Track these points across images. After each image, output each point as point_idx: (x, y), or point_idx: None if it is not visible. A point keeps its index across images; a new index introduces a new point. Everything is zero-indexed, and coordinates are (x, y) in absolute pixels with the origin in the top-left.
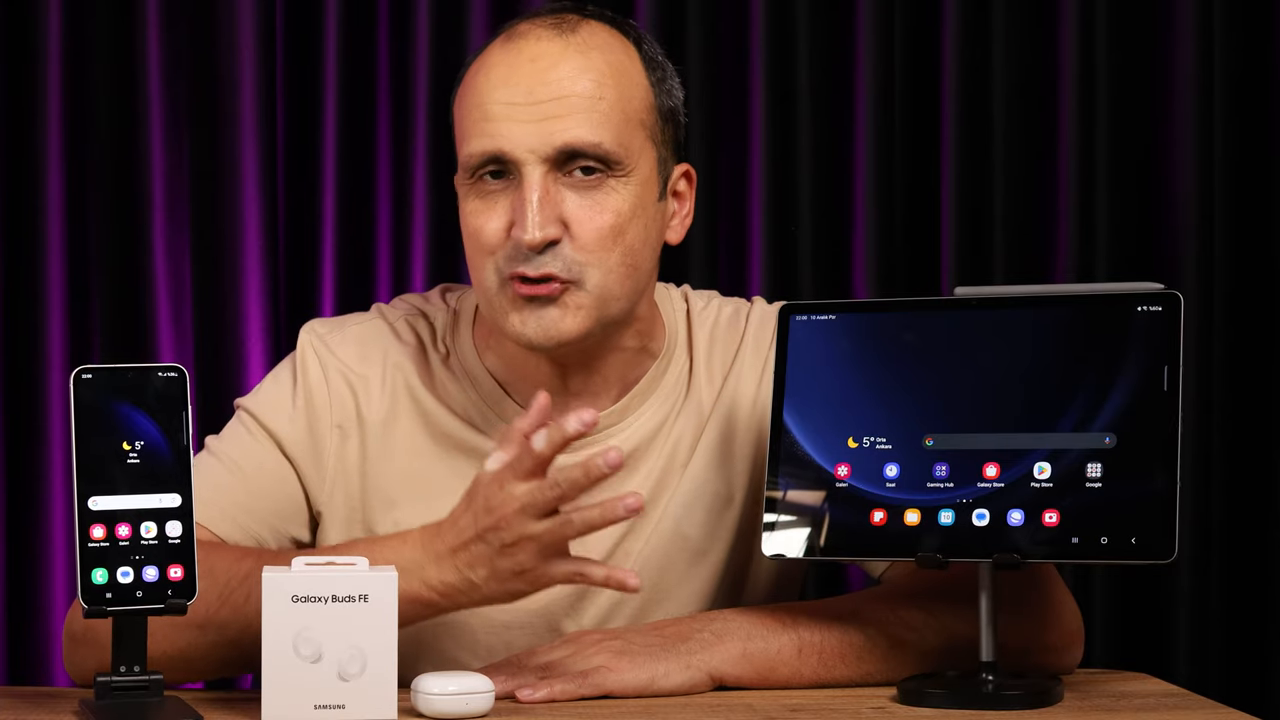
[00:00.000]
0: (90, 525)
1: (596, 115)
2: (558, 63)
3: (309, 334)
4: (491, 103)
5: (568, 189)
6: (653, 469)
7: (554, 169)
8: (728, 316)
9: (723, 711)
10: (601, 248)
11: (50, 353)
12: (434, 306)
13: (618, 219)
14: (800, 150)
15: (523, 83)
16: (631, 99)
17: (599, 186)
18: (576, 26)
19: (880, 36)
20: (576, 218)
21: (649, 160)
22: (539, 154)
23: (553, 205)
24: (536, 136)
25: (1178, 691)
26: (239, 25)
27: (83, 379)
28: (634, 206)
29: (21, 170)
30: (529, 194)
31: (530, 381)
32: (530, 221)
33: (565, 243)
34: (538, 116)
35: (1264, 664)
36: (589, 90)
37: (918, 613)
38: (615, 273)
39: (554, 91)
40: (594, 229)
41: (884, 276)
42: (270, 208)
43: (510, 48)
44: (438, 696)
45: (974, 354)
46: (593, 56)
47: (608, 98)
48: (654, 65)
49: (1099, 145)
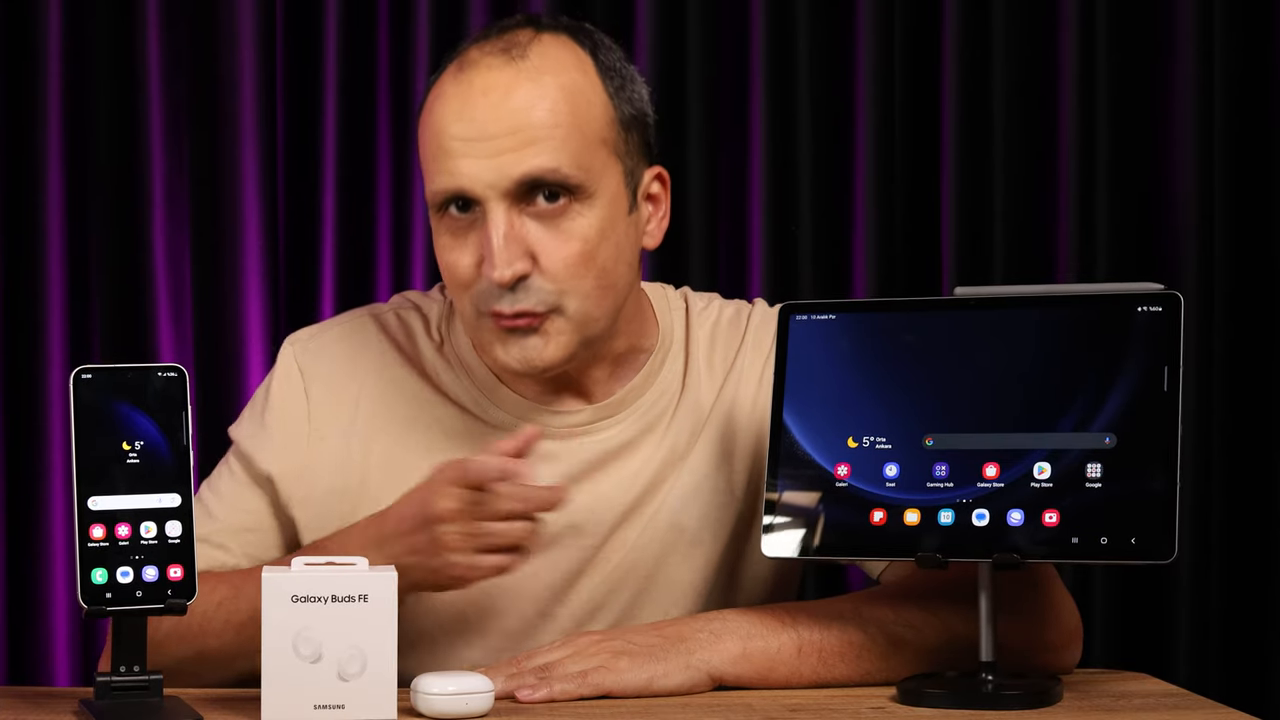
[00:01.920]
0: (90, 525)
1: (553, 142)
2: (509, 93)
3: (290, 346)
4: (447, 138)
5: (533, 219)
6: (649, 461)
7: (516, 201)
8: (729, 317)
9: (722, 711)
10: (573, 276)
11: (50, 353)
12: (430, 300)
13: (585, 245)
14: (800, 150)
15: (476, 117)
16: (590, 119)
17: (564, 213)
18: (526, 50)
19: (880, 36)
20: (544, 249)
21: (614, 176)
22: (498, 189)
23: (518, 240)
24: (494, 171)
25: (1178, 691)
26: (239, 25)
27: (83, 379)
28: (602, 228)
29: (21, 170)
30: (493, 232)
31: (525, 381)
32: (498, 259)
33: (535, 276)
34: (493, 152)
35: (1264, 664)
36: (543, 119)
37: (918, 612)
38: (592, 297)
39: (507, 125)
40: (562, 260)
41: (884, 276)
42: (270, 208)
43: (461, 79)
44: (437, 696)
45: (974, 354)
46: (545, 82)
47: (563, 123)
48: (611, 74)
49: (1099, 145)
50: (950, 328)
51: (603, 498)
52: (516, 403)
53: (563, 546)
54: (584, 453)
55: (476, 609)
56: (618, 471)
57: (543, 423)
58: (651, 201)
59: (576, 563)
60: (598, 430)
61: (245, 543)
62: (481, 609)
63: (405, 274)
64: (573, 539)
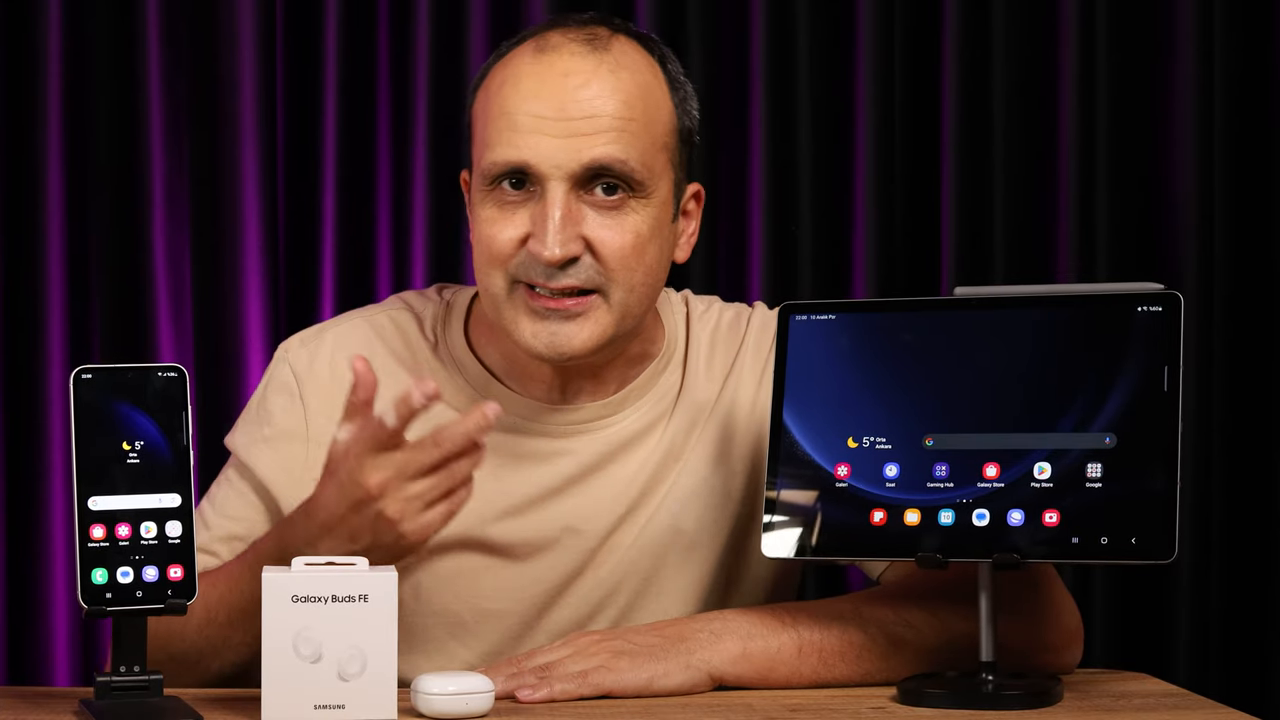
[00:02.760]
0: (90, 525)
1: (626, 135)
2: (589, 80)
3: (283, 353)
4: (520, 113)
5: (589, 207)
6: (646, 462)
7: (577, 186)
8: (729, 320)
9: (722, 711)
10: (624, 267)
11: (50, 353)
12: (424, 300)
13: (638, 240)
14: (800, 151)
15: (554, 97)
16: (657, 122)
17: (620, 207)
18: (608, 44)
19: (880, 36)
20: (599, 237)
21: (667, 182)
22: (565, 170)
23: (574, 223)
24: (564, 152)
25: (1178, 691)
26: (239, 25)
27: (83, 379)
28: (653, 228)
29: (21, 170)
30: (551, 210)
31: (530, 379)
32: (551, 238)
33: (586, 259)
34: (567, 133)
35: (1264, 664)
36: (619, 110)
37: (918, 612)
38: (636, 291)
39: (585, 109)
40: (616, 249)
41: (884, 276)
42: (270, 208)
43: (542, 60)
44: (438, 696)
45: (974, 354)
46: (623, 77)
47: (637, 119)
48: (676, 86)
49: (1099, 145)
50: (950, 328)
51: (600, 500)
52: (511, 399)
53: (560, 549)
54: (581, 454)
55: (474, 612)
56: (615, 473)
57: (541, 421)
58: (686, 217)
59: (574, 565)
60: (597, 428)
61: (235, 550)
62: (479, 612)
63: (405, 274)
64: (570, 541)
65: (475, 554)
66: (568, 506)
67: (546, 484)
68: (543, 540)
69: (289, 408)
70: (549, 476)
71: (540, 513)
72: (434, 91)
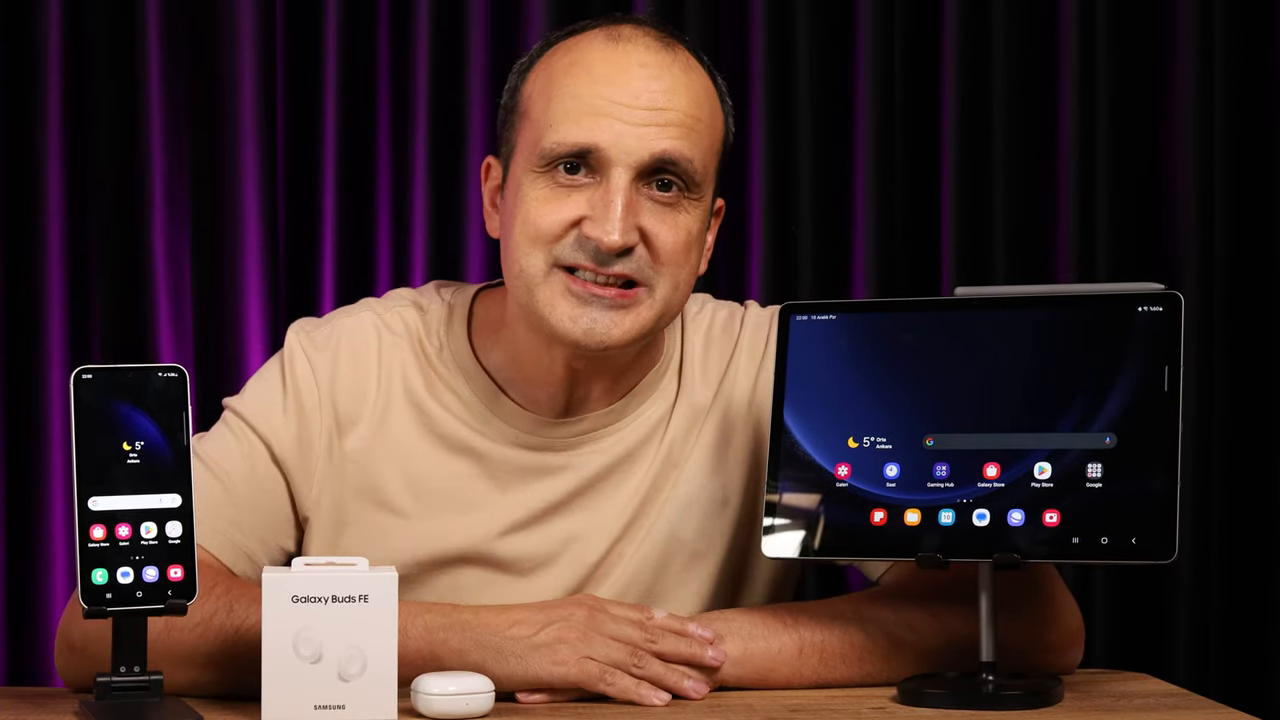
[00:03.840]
0: (90, 525)
1: (694, 134)
2: (663, 75)
3: (297, 333)
4: (594, 96)
5: (646, 200)
6: (649, 469)
7: (639, 177)
8: (722, 321)
9: (722, 711)
10: (674, 263)
11: (50, 353)
12: (428, 299)
13: (689, 238)
14: (800, 150)
15: (630, 84)
16: (715, 128)
17: (675, 205)
18: (677, 46)
19: (880, 37)
20: (656, 231)
21: (710, 190)
22: (634, 157)
23: (634, 213)
24: (635, 139)
25: (1178, 691)
26: (239, 25)
27: (83, 379)
28: (699, 230)
29: (21, 170)
30: (615, 196)
31: (535, 382)
32: (614, 224)
33: (640, 250)
34: (640, 121)
35: (1264, 664)
36: (689, 109)
37: (918, 613)
38: (680, 289)
39: (659, 101)
40: (671, 243)
41: (884, 276)
42: (270, 208)
43: (617, 48)
44: (438, 697)
45: (974, 354)
46: (693, 78)
47: (704, 119)
48: (725, 101)
49: (1099, 145)
50: (950, 328)
51: (604, 512)
52: (516, 413)
53: (564, 563)
54: (584, 467)
55: None
56: (619, 484)
57: (544, 435)
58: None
59: (577, 579)
60: (598, 439)
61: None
62: None
63: (405, 274)
64: (573, 555)
65: (479, 569)
66: (571, 520)
67: (550, 499)
68: (546, 554)
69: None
70: (553, 491)
71: (544, 527)
72: (434, 91)
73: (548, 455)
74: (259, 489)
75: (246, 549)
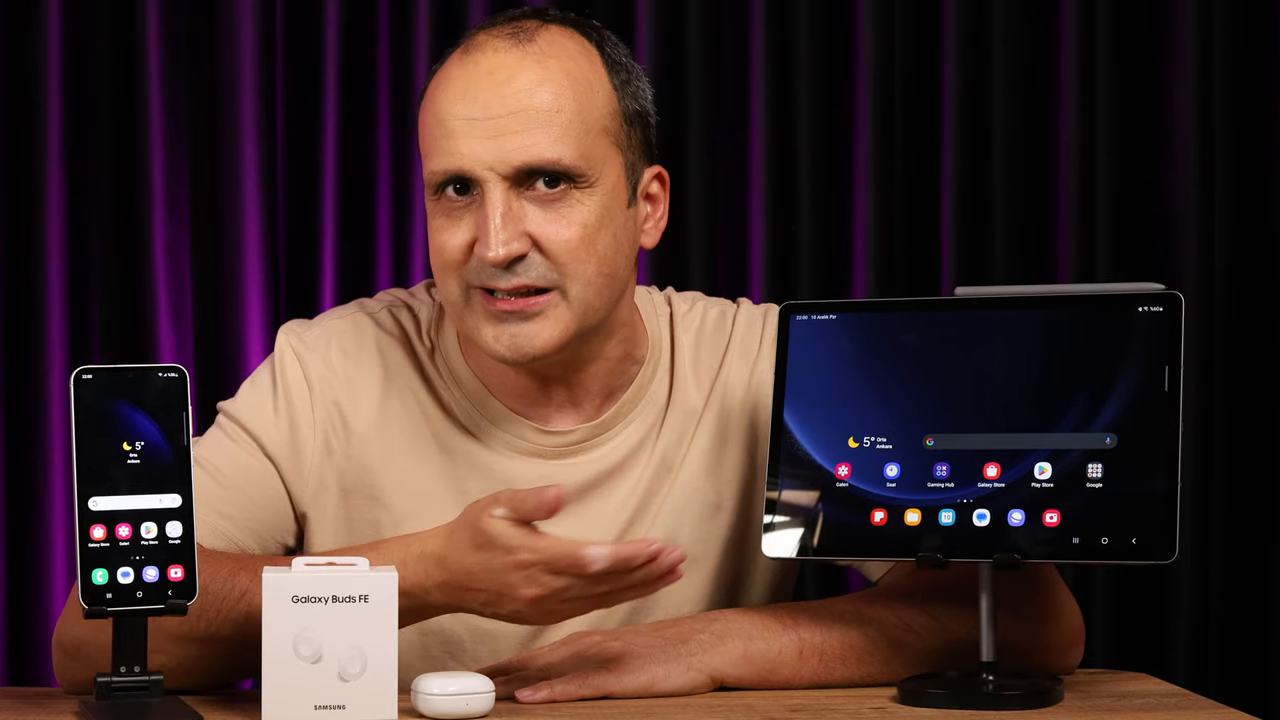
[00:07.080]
0: (90, 525)
1: (555, 129)
2: (514, 75)
3: (287, 334)
4: (450, 118)
5: (531, 203)
6: (642, 477)
7: (515, 185)
8: (713, 320)
9: (723, 712)
10: (575, 260)
11: (50, 353)
12: (419, 300)
13: (585, 230)
14: (800, 150)
15: (479, 97)
16: (593, 107)
17: (563, 199)
18: (534, 34)
19: (880, 36)
20: (543, 232)
21: (615, 167)
22: (498, 171)
23: (516, 221)
24: (494, 153)
25: (1178, 691)
26: (239, 25)
27: (83, 379)
28: (601, 216)
29: (21, 170)
30: (491, 212)
31: (510, 390)
32: (493, 239)
33: (534, 256)
34: (495, 132)
35: (1264, 664)
36: (547, 103)
37: (918, 613)
38: (594, 284)
39: (511, 106)
40: (562, 242)
41: (884, 276)
42: (270, 208)
43: (467, 60)
44: (438, 697)
45: (974, 354)
46: (551, 66)
47: (566, 109)
48: (617, 68)
49: (1099, 145)
50: (950, 328)
51: (597, 520)
52: (507, 418)
53: None
54: (577, 474)
55: (473, 632)
56: (612, 491)
57: (535, 442)
58: (650, 201)
59: None
60: (591, 448)
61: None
62: (478, 632)
63: (405, 274)
64: None
65: None
66: (565, 529)
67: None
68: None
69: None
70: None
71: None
72: None
73: (538, 463)
74: (250, 481)
75: (238, 540)
